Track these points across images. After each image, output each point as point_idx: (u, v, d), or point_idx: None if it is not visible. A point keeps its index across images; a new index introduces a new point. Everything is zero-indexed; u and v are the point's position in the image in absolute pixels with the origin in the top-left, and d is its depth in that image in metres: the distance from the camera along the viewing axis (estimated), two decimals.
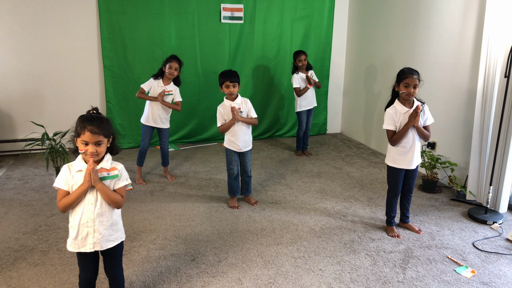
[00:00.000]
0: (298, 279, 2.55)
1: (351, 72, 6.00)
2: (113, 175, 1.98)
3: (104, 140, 1.92)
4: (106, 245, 2.01)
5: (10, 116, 4.93)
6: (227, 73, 3.37)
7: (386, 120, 2.97)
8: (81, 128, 1.88)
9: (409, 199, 3.18)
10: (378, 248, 2.94)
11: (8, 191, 3.89)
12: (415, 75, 2.84)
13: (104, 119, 1.95)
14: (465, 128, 3.91)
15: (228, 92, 3.36)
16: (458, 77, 3.97)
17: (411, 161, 2.98)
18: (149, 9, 5.04)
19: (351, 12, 5.89)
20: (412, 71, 2.86)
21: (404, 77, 2.86)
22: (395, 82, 2.96)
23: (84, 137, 1.87)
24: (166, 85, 3.96)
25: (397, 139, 2.93)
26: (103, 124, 1.91)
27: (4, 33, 4.71)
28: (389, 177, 3.11)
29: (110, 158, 2.02)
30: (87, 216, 1.94)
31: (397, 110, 2.93)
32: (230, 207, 3.57)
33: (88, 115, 1.93)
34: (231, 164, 3.53)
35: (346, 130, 6.26)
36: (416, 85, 2.85)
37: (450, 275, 2.62)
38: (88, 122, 1.87)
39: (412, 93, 2.85)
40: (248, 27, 5.47)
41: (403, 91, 2.87)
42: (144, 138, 4.04)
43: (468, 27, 3.82)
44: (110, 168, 1.98)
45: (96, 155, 1.90)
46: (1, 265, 2.64)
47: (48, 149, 3.87)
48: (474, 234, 3.16)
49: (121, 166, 2.04)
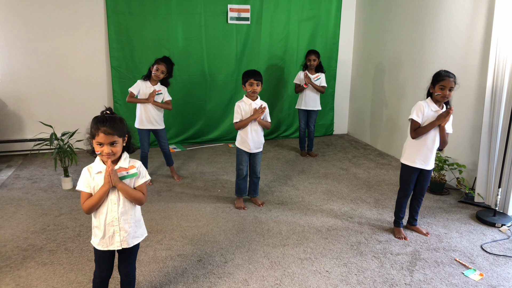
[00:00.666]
0: (304, 281, 2.54)
1: (358, 73, 5.97)
2: (133, 173, 2.00)
3: (119, 140, 1.93)
4: (133, 242, 2.05)
5: (19, 116, 4.97)
6: (252, 71, 3.40)
7: (415, 111, 2.91)
8: (95, 129, 1.90)
9: (420, 202, 3.15)
10: (385, 250, 2.93)
11: (16, 190, 3.93)
12: (451, 77, 2.81)
13: (118, 119, 1.96)
14: (474, 129, 3.88)
15: (252, 90, 3.37)
16: (466, 78, 3.93)
17: (428, 161, 2.95)
18: (156, 10, 5.06)
19: (358, 12, 5.87)
20: (448, 73, 2.82)
21: (440, 79, 2.82)
22: (430, 83, 2.92)
23: (99, 139, 1.89)
24: (154, 85, 3.95)
25: (420, 133, 2.89)
26: (116, 124, 1.92)
27: (14, 34, 4.75)
28: (402, 175, 3.08)
29: (128, 157, 2.03)
30: (112, 215, 1.98)
31: (428, 106, 2.90)
32: (237, 207, 3.57)
33: (101, 116, 1.94)
34: (241, 164, 3.53)
35: (353, 131, 6.24)
36: (452, 88, 2.82)
37: (458, 278, 2.60)
38: (101, 123, 1.89)
39: (447, 95, 2.82)
40: (255, 27, 5.48)
41: (438, 93, 2.83)
42: (143, 143, 4.04)
43: (477, 26, 3.79)
44: (128, 166, 1.99)
45: (112, 155, 1.91)
46: (10, 264, 2.67)
47: (56, 149, 3.90)
48: (482, 237, 3.14)
49: (139, 163, 2.06)
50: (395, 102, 5.04)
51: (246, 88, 3.39)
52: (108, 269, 2.11)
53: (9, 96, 4.89)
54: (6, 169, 4.55)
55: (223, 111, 5.66)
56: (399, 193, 3.13)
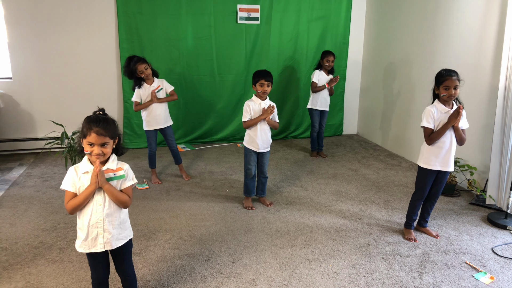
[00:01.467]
0: (312, 282, 2.53)
1: (368, 73, 5.93)
2: (120, 175, 1.98)
3: (109, 142, 1.92)
4: (116, 244, 2.03)
5: (31, 115, 5.04)
6: (263, 72, 3.40)
7: (425, 117, 2.88)
8: (87, 129, 1.88)
9: (433, 204, 3.11)
10: (394, 252, 2.90)
11: (28, 188, 3.98)
12: (453, 76, 2.77)
13: (110, 120, 1.95)
14: (485, 130, 3.82)
15: (262, 91, 3.38)
16: (478, 78, 3.88)
17: (447, 162, 2.90)
18: (166, 10, 5.09)
19: (369, 12, 5.83)
20: (450, 72, 2.79)
21: (443, 80, 2.79)
22: (434, 84, 2.89)
23: (90, 139, 1.87)
24: (151, 84, 3.93)
25: (435, 138, 2.85)
26: (109, 126, 1.91)
27: (26, 35, 4.82)
28: (418, 178, 3.04)
29: (116, 159, 2.02)
30: (96, 216, 1.95)
31: (437, 109, 2.86)
32: (245, 207, 3.58)
33: (94, 116, 1.93)
34: (249, 164, 3.53)
35: (362, 132, 6.20)
36: (457, 86, 2.77)
37: (468, 281, 2.57)
38: (94, 123, 1.88)
39: (453, 94, 2.78)
40: (265, 27, 5.47)
41: (444, 93, 2.80)
42: (151, 142, 4.06)
43: (489, 26, 3.73)
44: (116, 168, 1.98)
45: (102, 156, 1.91)
46: (20, 262, 2.71)
47: (67, 148, 3.94)
48: (493, 240, 3.09)
49: (127, 166, 2.04)
50: (405, 102, 4.99)
51: (257, 88, 3.40)
52: (103, 271, 2.09)
53: (21, 95, 4.96)
54: (18, 167, 4.61)
55: (232, 111, 5.67)
56: (414, 195, 3.08)
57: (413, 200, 3.08)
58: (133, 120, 5.27)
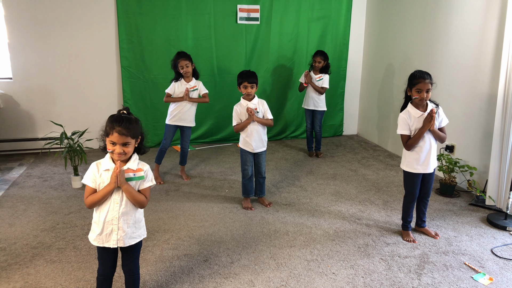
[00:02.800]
0: (310, 282, 2.53)
1: (369, 73, 5.93)
2: (139, 176, 2.00)
3: (131, 141, 1.95)
4: (129, 242, 2.06)
5: (30, 115, 5.05)
6: (245, 73, 3.41)
7: (400, 125, 2.91)
8: (110, 128, 1.92)
9: (426, 204, 3.12)
10: (393, 252, 2.90)
11: (27, 188, 3.99)
12: (427, 79, 2.75)
13: (133, 120, 1.98)
14: (485, 131, 3.82)
15: (246, 93, 3.39)
16: (478, 79, 3.88)
17: (428, 165, 2.92)
18: (166, 10, 5.09)
19: (369, 12, 5.83)
20: (423, 74, 2.77)
21: (415, 82, 2.78)
22: (407, 86, 2.90)
23: (112, 138, 1.91)
24: (188, 82, 4.00)
25: (412, 144, 2.88)
26: (132, 125, 1.94)
27: (26, 35, 4.82)
28: (405, 182, 3.05)
29: (137, 158, 2.04)
30: (112, 214, 1.99)
31: (411, 114, 2.87)
32: (244, 208, 3.57)
33: (117, 115, 1.96)
34: (245, 164, 3.53)
35: (362, 132, 6.20)
36: (429, 89, 2.77)
37: (467, 282, 2.56)
38: (117, 123, 1.91)
39: (425, 98, 2.78)
40: (265, 27, 5.47)
41: (416, 96, 2.80)
42: (167, 137, 4.09)
43: (489, 27, 3.72)
44: (136, 169, 2.00)
45: (123, 155, 1.93)
46: (19, 262, 2.71)
47: (66, 148, 3.95)
48: (493, 240, 3.08)
49: (147, 167, 2.07)
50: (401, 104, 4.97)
51: (241, 90, 3.40)
52: (111, 266, 2.13)
53: (21, 95, 4.97)
54: (18, 167, 4.62)
55: (232, 111, 5.65)
56: (405, 198, 3.09)
57: (405, 203, 3.09)
58: None
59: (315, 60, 4.86)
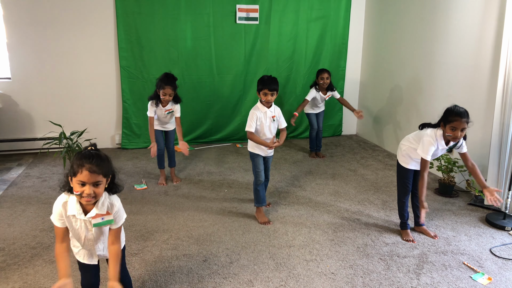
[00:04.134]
0: (309, 282, 2.53)
1: (367, 73, 5.93)
2: (108, 220, 1.85)
3: (103, 180, 1.76)
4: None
5: (29, 115, 5.04)
6: (267, 80, 3.17)
7: (426, 147, 2.75)
8: (78, 166, 1.70)
9: None
10: (392, 252, 2.90)
11: (26, 188, 3.98)
12: (463, 117, 2.59)
13: (104, 156, 1.78)
14: (484, 131, 3.82)
15: (266, 100, 3.17)
16: (477, 79, 3.88)
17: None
18: (165, 10, 5.08)
19: (368, 12, 5.83)
20: (460, 113, 2.60)
21: (451, 120, 2.63)
22: (441, 119, 2.73)
23: (81, 177, 1.70)
24: (165, 106, 3.90)
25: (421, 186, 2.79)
26: (103, 162, 1.75)
27: (25, 35, 4.81)
28: (398, 174, 3.08)
29: (107, 198, 1.86)
30: (88, 239, 1.90)
31: (438, 143, 2.77)
32: (261, 223, 3.29)
33: (86, 152, 1.76)
34: (258, 168, 3.28)
35: (361, 132, 6.20)
36: (464, 129, 2.63)
37: (466, 282, 2.57)
38: (87, 159, 1.70)
39: (458, 137, 2.64)
40: (264, 27, 5.47)
41: (449, 134, 2.66)
42: (159, 141, 4.03)
43: (488, 26, 3.73)
44: (106, 212, 1.84)
45: (93, 197, 1.74)
46: (18, 262, 2.70)
47: (65, 148, 3.94)
48: (491, 240, 3.09)
49: (119, 204, 1.91)
50: (404, 102, 4.99)
51: (260, 96, 3.22)
52: (93, 277, 2.03)
53: (20, 95, 4.96)
54: (17, 167, 4.61)
55: (231, 111, 5.67)
56: (398, 193, 3.12)
57: (399, 198, 3.12)
58: (131, 120, 5.27)
59: (322, 77, 4.75)
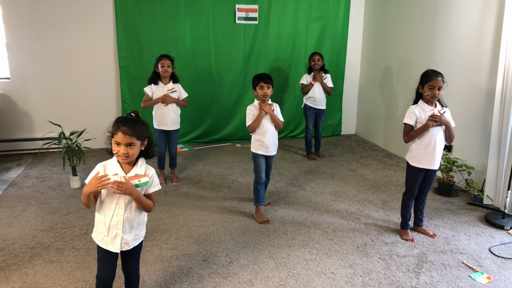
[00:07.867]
0: (309, 282, 2.54)
1: (367, 73, 5.94)
2: (144, 182, 1.97)
3: (136, 143, 1.91)
4: (133, 244, 2.05)
5: (28, 115, 5.04)
6: (262, 74, 3.30)
7: (408, 115, 2.97)
8: (115, 128, 1.89)
9: (424, 202, 3.13)
10: (391, 252, 2.90)
11: (26, 189, 3.98)
12: (439, 77, 2.85)
13: (140, 122, 1.94)
14: (483, 130, 3.83)
15: (262, 94, 3.22)
16: (476, 79, 3.89)
17: (433, 161, 2.93)
18: (164, 10, 5.09)
19: (367, 12, 5.84)
20: (436, 73, 2.86)
21: (428, 79, 2.86)
22: (419, 83, 2.95)
23: (117, 138, 1.88)
24: (166, 84, 3.93)
25: (412, 136, 2.93)
26: (137, 126, 1.90)
27: (24, 35, 4.81)
28: (408, 176, 3.07)
29: (144, 163, 2.01)
30: (117, 219, 1.97)
31: (421, 109, 2.92)
32: (260, 222, 3.32)
33: (124, 116, 1.94)
34: (259, 168, 3.34)
35: (361, 132, 6.21)
36: (441, 87, 2.85)
37: (465, 281, 2.57)
38: (122, 122, 1.89)
39: (436, 95, 2.85)
40: (263, 27, 5.47)
41: (428, 93, 2.87)
42: (160, 144, 4.03)
43: (487, 27, 3.74)
44: (142, 174, 1.97)
45: (127, 156, 1.89)
46: (17, 262, 2.70)
47: (64, 148, 3.94)
48: (490, 239, 3.10)
49: (153, 171, 2.04)
50: (404, 102, 4.99)
51: (257, 92, 3.25)
52: (111, 271, 2.07)
53: (19, 95, 4.96)
54: (16, 167, 4.61)
55: (231, 111, 5.67)
56: (404, 194, 3.11)
57: (404, 199, 3.12)
58: None
59: (313, 58, 4.80)
